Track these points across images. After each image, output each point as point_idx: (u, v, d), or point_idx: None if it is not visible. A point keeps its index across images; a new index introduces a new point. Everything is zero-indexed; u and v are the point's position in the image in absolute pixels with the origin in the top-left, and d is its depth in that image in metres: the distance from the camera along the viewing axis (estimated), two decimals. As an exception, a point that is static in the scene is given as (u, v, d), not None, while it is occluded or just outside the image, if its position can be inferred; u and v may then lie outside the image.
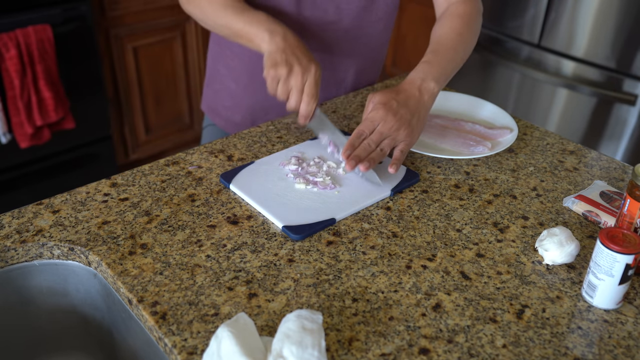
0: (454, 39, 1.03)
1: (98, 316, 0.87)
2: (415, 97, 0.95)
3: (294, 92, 0.95)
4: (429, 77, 0.97)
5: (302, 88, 0.95)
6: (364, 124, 0.92)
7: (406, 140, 0.93)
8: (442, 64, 0.99)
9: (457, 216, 0.89)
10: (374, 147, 0.91)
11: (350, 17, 1.15)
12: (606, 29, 1.93)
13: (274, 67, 0.94)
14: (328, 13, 1.14)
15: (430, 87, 0.97)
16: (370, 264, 0.79)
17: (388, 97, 0.93)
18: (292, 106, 0.97)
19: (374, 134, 0.91)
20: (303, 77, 0.94)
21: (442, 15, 1.10)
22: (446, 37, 1.03)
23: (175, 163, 1.00)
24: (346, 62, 1.23)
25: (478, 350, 0.67)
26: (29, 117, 2.02)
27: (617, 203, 0.90)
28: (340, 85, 1.27)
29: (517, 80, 2.23)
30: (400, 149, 0.93)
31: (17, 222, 0.85)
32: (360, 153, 0.90)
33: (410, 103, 0.94)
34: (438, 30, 1.06)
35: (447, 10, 1.10)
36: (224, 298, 0.73)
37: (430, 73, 0.97)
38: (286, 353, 0.60)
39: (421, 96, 0.96)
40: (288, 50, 0.95)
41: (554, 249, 0.79)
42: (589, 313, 0.73)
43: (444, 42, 1.03)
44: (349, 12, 1.15)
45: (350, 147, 0.90)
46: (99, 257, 0.79)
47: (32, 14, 1.99)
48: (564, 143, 1.11)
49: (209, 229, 0.85)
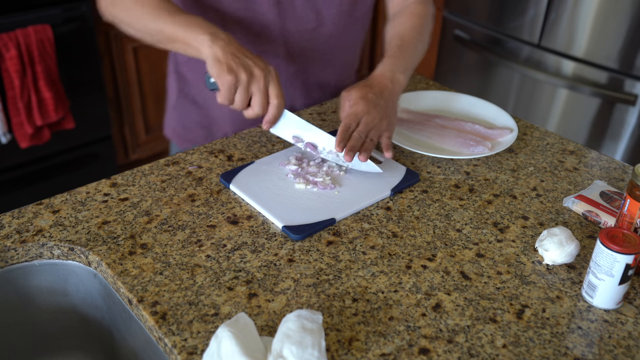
0: (415, 37, 1.09)
1: (98, 316, 0.87)
2: (389, 88, 0.99)
3: (258, 97, 0.89)
4: (397, 69, 1.01)
5: (265, 92, 0.89)
6: (348, 117, 0.93)
7: (388, 129, 0.96)
8: (406, 58, 1.04)
9: (457, 216, 0.89)
10: (364, 137, 0.93)
11: (331, 22, 1.15)
12: (606, 29, 1.93)
13: (231, 73, 0.87)
14: (309, 20, 1.12)
15: (400, 79, 1.01)
16: (370, 264, 0.79)
17: (365, 91, 0.95)
18: (257, 112, 0.91)
19: (360, 126, 0.93)
20: (265, 79, 0.89)
21: (400, 12, 1.14)
22: (408, 34, 1.08)
23: (175, 163, 1.00)
24: (329, 66, 1.22)
25: (478, 350, 0.67)
26: (29, 117, 2.02)
27: (617, 203, 0.90)
28: (325, 89, 1.26)
29: (517, 80, 2.23)
30: (387, 136, 0.96)
31: (17, 222, 0.85)
32: (355, 144, 0.91)
33: (385, 94, 0.97)
34: (398, 27, 1.10)
35: (405, 9, 1.14)
36: (224, 298, 0.73)
37: (397, 66, 1.02)
38: (286, 353, 0.60)
39: (393, 87, 1.00)
40: (238, 53, 0.89)
41: (554, 249, 0.79)
42: (589, 313, 0.73)
43: (407, 39, 1.07)
44: (330, 17, 1.14)
45: (343, 140, 0.91)
46: (99, 257, 0.79)
47: (32, 14, 1.99)
48: (564, 143, 1.11)
49: (209, 229, 0.85)
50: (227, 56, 0.88)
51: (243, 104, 0.90)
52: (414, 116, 1.15)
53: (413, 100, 1.20)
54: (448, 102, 1.22)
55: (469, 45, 2.35)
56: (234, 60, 0.87)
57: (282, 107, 0.92)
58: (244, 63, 0.88)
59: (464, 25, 2.37)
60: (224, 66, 0.87)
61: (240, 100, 0.89)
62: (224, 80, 0.87)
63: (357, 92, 0.95)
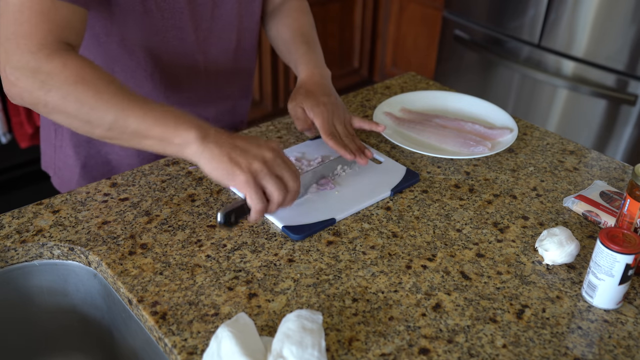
0: (313, 32, 1.12)
1: (98, 316, 0.87)
2: (325, 84, 1.03)
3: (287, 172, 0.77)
4: (320, 66, 1.05)
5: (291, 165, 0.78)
6: (325, 128, 0.97)
7: (349, 117, 1.02)
8: (317, 53, 1.08)
9: (457, 216, 0.89)
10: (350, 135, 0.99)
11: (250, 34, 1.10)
12: (606, 29, 1.93)
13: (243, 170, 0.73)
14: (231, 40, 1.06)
15: (327, 73, 1.05)
16: (370, 264, 0.79)
17: (314, 98, 0.99)
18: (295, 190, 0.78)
19: (339, 128, 0.99)
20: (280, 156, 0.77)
21: (284, 11, 1.14)
22: (307, 30, 1.11)
23: (175, 163, 1.00)
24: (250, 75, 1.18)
25: (478, 350, 0.67)
26: (29, 117, 2.02)
27: (617, 203, 0.90)
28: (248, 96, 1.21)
29: (517, 80, 2.23)
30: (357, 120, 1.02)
31: (17, 222, 0.85)
32: (356, 145, 0.97)
33: (327, 91, 1.01)
34: (294, 24, 1.11)
35: (287, 7, 1.14)
36: (224, 298, 0.73)
37: (317, 62, 1.05)
38: (286, 353, 0.60)
39: (327, 82, 1.04)
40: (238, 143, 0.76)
41: (554, 249, 0.79)
42: (589, 313, 0.73)
43: (309, 34, 1.10)
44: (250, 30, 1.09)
45: (344, 148, 0.96)
46: (99, 257, 0.79)
47: (32, 14, 1.99)
48: (564, 143, 1.11)
49: (209, 229, 0.85)
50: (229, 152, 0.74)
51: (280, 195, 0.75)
52: (414, 116, 1.15)
53: (413, 100, 1.20)
54: (448, 102, 1.22)
55: (469, 45, 2.35)
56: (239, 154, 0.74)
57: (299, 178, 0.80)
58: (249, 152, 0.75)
59: (464, 25, 2.37)
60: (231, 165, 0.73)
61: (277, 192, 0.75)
62: (238, 180, 0.73)
63: (307, 101, 0.99)
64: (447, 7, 2.42)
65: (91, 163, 1.09)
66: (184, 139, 0.74)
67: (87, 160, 1.08)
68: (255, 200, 0.74)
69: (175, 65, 1.01)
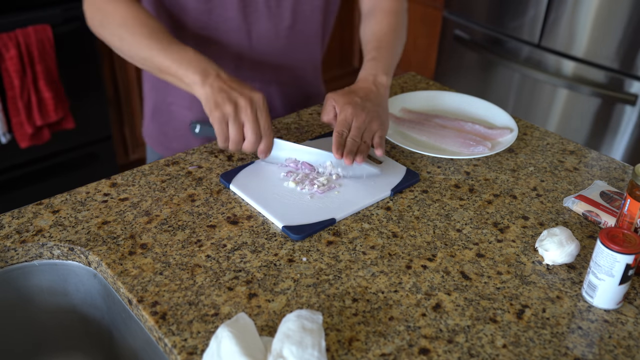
0: (392, 36, 1.10)
1: (98, 316, 0.87)
2: (374, 91, 0.99)
3: (249, 125, 0.89)
4: (380, 71, 1.02)
5: (255, 119, 0.89)
6: (339, 125, 0.93)
7: (380, 130, 0.96)
8: (387, 58, 1.05)
9: (457, 216, 0.89)
10: (359, 141, 0.94)
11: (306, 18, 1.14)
12: (606, 28, 1.93)
13: (218, 108, 0.88)
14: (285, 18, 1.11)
15: (383, 81, 1.02)
16: (370, 264, 0.79)
17: (350, 97, 0.96)
18: (252, 142, 0.90)
19: (352, 130, 0.94)
20: (252, 108, 0.88)
21: (373, 11, 1.14)
22: (385, 34, 1.09)
23: (175, 163, 1.00)
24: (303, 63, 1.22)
25: (478, 350, 0.67)
26: (29, 117, 2.02)
27: (617, 203, 0.90)
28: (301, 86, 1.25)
29: (517, 80, 2.23)
30: (379, 136, 0.96)
31: (17, 222, 0.85)
32: (351, 148, 0.92)
33: (371, 97, 0.98)
34: (375, 27, 1.11)
35: (376, 7, 1.14)
36: (224, 298, 0.73)
37: (379, 68, 1.03)
38: (286, 353, 0.60)
39: (378, 90, 1.00)
40: (225, 87, 0.89)
41: (554, 249, 0.79)
42: (589, 313, 0.73)
43: (384, 39, 1.08)
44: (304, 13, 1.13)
45: (340, 147, 0.92)
46: (99, 257, 0.79)
47: (32, 14, 1.99)
48: (564, 143, 1.11)
49: (209, 229, 0.85)
50: (215, 93, 0.88)
51: (238, 136, 0.89)
52: (414, 116, 1.15)
53: (413, 100, 1.20)
54: (448, 102, 1.22)
55: (469, 45, 2.35)
56: (221, 95, 0.88)
57: (271, 137, 0.92)
58: (231, 96, 0.88)
59: (464, 25, 2.37)
60: (212, 103, 0.88)
61: (234, 133, 0.89)
62: (213, 116, 0.88)
63: (344, 98, 0.96)
64: (447, 7, 2.42)
65: (159, 109, 1.23)
66: (190, 80, 0.90)
67: (155, 106, 1.24)
68: (218, 132, 0.89)
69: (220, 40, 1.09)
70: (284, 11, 1.11)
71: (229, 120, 0.88)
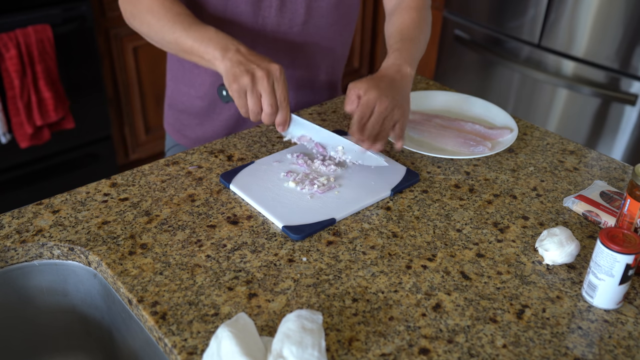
0: (415, 29, 1.09)
1: (98, 316, 0.87)
2: (397, 80, 0.98)
3: (265, 97, 0.90)
4: (404, 62, 1.01)
5: (271, 90, 0.90)
6: (362, 107, 0.92)
7: (402, 118, 0.95)
8: (411, 50, 1.04)
9: (457, 216, 0.89)
10: (379, 127, 0.93)
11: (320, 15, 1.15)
12: (606, 28, 1.93)
13: (236, 81, 0.90)
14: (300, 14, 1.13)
15: (407, 71, 1.01)
16: (370, 264, 0.79)
17: (374, 83, 0.95)
18: (268, 113, 0.91)
19: (374, 115, 0.92)
20: (269, 79, 0.90)
21: (398, 7, 1.15)
22: (408, 28, 1.09)
23: (175, 163, 1.00)
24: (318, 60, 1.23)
25: (478, 350, 0.67)
26: (29, 117, 2.02)
27: (617, 203, 0.90)
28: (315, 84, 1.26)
29: (517, 80, 2.23)
30: (400, 126, 0.96)
31: (17, 222, 0.85)
32: (372, 132, 0.92)
33: (395, 85, 0.97)
34: (397, 22, 1.11)
35: (400, 4, 1.14)
36: (224, 298, 0.73)
37: (403, 59, 1.02)
38: (286, 353, 0.60)
39: (402, 79, 0.99)
40: (244, 60, 0.91)
41: (554, 249, 0.79)
42: (589, 313, 0.73)
43: (407, 32, 1.08)
44: (319, 9, 1.15)
45: (359, 129, 0.92)
46: (99, 257, 0.79)
47: (32, 14, 1.99)
48: (564, 143, 1.11)
49: (209, 229, 0.85)
50: (234, 66, 0.90)
51: (256, 108, 0.91)
52: (414, 116, 1.15)
53: (413, 100, 1.20)
54: (448, 102, 1.22)
55: (469, 45, 2.35)
56: (239, 68, 0.90)
57: (287, 108, 0.93)
58: (248, 68, 0.90)
59: (464, 25, 2.36)
60: (231, 76, 0.90)
61: (252, 105, 0.90)
62: (232, 89, 0.90)
63: (367, 83, 0.94)
64: (447, 7, 2.42)
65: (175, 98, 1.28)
66: (212, 56, 0.94)
67: (172, 95, 1.28)
68: (238, 103, 0.92)
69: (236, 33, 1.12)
70: (298, 7, 1.12)
71: (247, 91, 0.90)
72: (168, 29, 0.98)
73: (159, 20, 0.99)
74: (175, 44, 0.98)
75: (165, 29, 0.99)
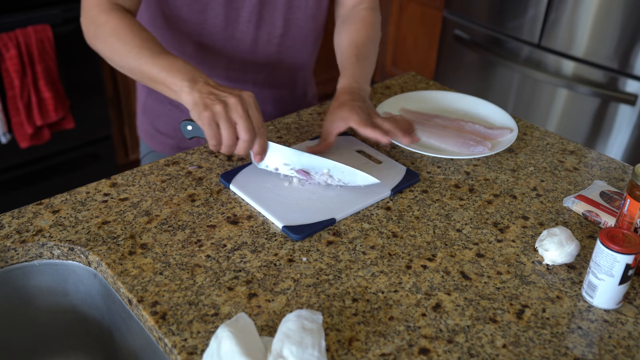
0: (371, 48, 1.12)
1: (98, 316, 0.87)
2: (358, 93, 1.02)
3: (242, 122, 0.85)
4: (361, 80, 1.05)
5: (247, 116, 0.86)
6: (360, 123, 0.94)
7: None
8: (365, 69, 1.08)
9: (457, 216, 0.89)
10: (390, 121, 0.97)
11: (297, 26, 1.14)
12: (606, 28, 1.93)
13: (207, 109, 0.84)
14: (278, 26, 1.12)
15: (367, 89, 1.05)
16: (370, 264, 0.79)
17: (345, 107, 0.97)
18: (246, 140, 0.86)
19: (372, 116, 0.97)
20: (242, 105, 0.85)
21: (352, 18, 1.15)
22: (365, 45, 1.11)
23: (175, 163, 1.00)
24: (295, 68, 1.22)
25: (478, 350, 0.67)
26: (29, 117, 2.02)
27: (617, 203, 0.90)
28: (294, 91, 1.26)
29: (517, 80, 2.23)
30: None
31: (17, 222, 0.85)
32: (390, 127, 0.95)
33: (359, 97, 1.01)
34: (354, 35, 1.12)
35: (355, 15, 1.15)
36: (224, 298, 0.73)
37: (361, 77, 1.05)
38: (286, 353, 0.60)
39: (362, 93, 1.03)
40: (213, 90, 0.87)
41: (554, 249, 0.79)
42: (589, 313, 0.73)
43: (364, 49, 1.10)
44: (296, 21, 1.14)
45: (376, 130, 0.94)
46: (99, 257, 0.79)
47: (32, 14, 1.99)
48: (564, 143, 1.11)
49: (209, 229, 0.85)
50: (204, 96, 0.86)
51: (231, 137, 0.86)
52: (414, 116, 1.15)
53: (413, 100, 1.20)
54: (448, 102, 1.22)
55: (469, 45, 2.35)
56: (209, 97, 0.85)
57: (265, 135, 0.89)
58: (219, 97, 0.85)
59: (464, 25, 2.37)
60: (200, 106, 0.85)
61: (226, 134, 0.85)
62: (202, 118, 0.85)
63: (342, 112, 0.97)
64: (447, 7, 2.42)
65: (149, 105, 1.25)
66: (179, 87, 0.89)
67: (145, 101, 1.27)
68: (209, 134, 0.86)
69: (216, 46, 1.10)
70: (276, 20, 1.11)
71: (220, 120, 0.85)
72: (134, 54, 0.93)
73: (124, 44, 0.94)
74: (140, 70, 0.94)
75: (130, 55, 0.94)
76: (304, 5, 1.13)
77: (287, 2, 1.11)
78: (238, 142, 0.87)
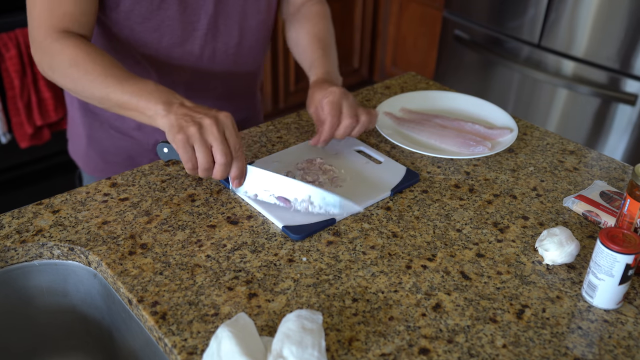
0: (331, 39, 1.14)
1: (98, 316, 0.87)
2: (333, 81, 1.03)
3: (217, 145, 0.81)
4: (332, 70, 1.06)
5: (223, 139, 0.81)
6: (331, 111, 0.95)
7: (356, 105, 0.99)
8: (332, 60, 1.09)
9: (457, 216, 0.89)
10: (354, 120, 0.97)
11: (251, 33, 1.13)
12: (606, 28, 1.93)
13: (181, 131, 0.80)
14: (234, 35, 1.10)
15: (337, 77, 1.06)
16: (370, 264, 0.79)
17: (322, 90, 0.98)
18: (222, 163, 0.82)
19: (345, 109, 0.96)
20: (218, 127, 0.81)
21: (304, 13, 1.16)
22: (325, 37, 1.12)
23: (175, 163, 1.00)
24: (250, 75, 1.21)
25: (478, 350, 0.67)
26: (29, 117, 2.02)
27: (617, 203, 0.90)
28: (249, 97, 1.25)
29: (517, 80, 2.23)
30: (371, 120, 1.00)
31: (17, 222, 0.85)
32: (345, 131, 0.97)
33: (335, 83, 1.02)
34: (313, 29, 1.13)
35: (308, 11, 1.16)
36: (224, 298, 0.73)
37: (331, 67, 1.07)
38: (286, 353, 0.60)
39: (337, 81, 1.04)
40: (190, 112, 0.82)
41: (554, 249, 0.79)
42: (589, 313, 0.73)
43: (327, 41, 1.12)
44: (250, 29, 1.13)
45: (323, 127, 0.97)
46: (99, 257, 0.79)
47: (32, 14, 1.99)
48: (564, 143, 1.11)
49: (209, 229, 0.85)
50: (179, 118, 0.82)
51: (206, 160, 0.82)
52: (414, 116, 1.15)
53: (413, 100, 1.20)
54: (448, 102, 1.22)
55: (469, 45, 2.35)
56: (184, 119, 0.81)
57: (243, 159, 0.86)
58: (195, 118, 0.81)
59: (464, 25, 2.37)
60: (175, 128, 0.81)
61: (202, 157, 0.81)
62: (176, 140, 0.81)
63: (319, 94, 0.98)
64: (447, 7, 2.42)
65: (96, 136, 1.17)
66: (153, 112, 0.84)
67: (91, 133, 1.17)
68: (183, 157, 0.82)
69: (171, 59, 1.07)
70: (231, 29, 1.09)
71: (194, 142, 0.81)
72: (98, 83, 0.87)
73: (86, 74, 0.88)
74: (108, 99, 0.88)
75: (94, 84, 0.88)
76: (256, 11, 1.10)
77: (241, 11, 1.08)
78: (215, 166, 0.83)
